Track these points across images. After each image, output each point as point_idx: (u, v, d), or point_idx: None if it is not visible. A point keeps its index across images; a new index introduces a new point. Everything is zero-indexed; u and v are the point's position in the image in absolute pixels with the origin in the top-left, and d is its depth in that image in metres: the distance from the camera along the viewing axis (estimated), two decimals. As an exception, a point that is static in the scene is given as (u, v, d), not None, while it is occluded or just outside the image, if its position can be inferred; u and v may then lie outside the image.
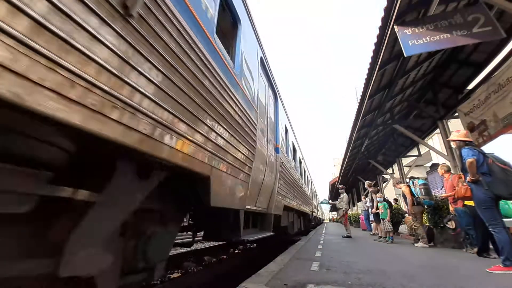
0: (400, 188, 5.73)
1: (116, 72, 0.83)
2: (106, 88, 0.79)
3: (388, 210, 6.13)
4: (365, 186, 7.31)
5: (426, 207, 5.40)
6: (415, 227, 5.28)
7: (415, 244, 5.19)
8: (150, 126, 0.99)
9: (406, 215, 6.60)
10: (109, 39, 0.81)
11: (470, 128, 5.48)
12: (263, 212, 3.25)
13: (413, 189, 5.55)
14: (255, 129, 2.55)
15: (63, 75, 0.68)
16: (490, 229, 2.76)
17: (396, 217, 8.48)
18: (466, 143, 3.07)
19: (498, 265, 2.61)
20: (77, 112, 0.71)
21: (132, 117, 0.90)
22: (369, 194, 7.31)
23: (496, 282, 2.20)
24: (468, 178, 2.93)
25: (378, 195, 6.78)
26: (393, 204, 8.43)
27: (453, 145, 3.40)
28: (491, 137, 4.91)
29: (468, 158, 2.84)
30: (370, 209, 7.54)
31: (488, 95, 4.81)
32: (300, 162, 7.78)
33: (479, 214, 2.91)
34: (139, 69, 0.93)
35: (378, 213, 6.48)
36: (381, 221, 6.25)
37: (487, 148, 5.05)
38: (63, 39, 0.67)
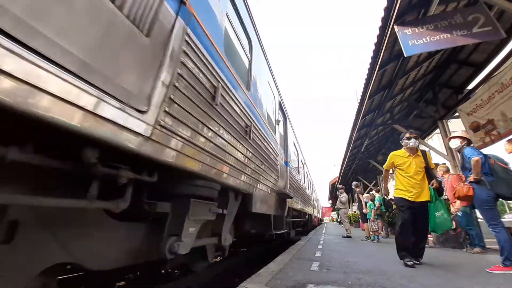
0: None
1: None
2: None
3: (374, 210, 6.18)
4: (353, 187, 7.33)
5: None
6: None
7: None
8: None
9: None
10: None
11: (474, 127, 5.45)
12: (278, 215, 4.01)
13: None
14: (277, 157, 3.73)
15: None
16: (491, 229, 2.75)
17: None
18: (468, 142, 3.15)
19: (498, 265, 2.61)
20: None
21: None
22: (356, 194, 7.35)
23: (496, 282, 2.20)
24: (471, 178, 2.89)
25: (365, 195, 6.83)
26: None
27: (453, 145, 3.35)
28: (500, 136, 4.87)
29: (474, 157, 2.80)
30: (358, 209, 7.65)
31: (492, 94, 4.79)
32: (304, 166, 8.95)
33: (480, 213, 2.91)
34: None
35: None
36: (367, 220, 6.31)
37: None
38: None
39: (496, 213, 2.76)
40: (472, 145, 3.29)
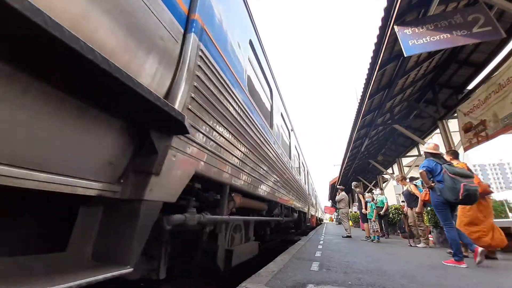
0: (405, 186, 5.73)
1: None
2: None
3: (375, 211, 6.21)
4: (352, 187, 7.35)
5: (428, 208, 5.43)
6: (420, 228, 5.30)
7: (418, 245, 5.20)
8: None
9: (403, 215, 6.63)
10: None
11: (467, 128, 5.50)
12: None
13: (420, 189, 5.55)
14: None
15: None
16: (444, 228, 3.17)
17: (398, 217, 8.49)
18: (432, 155, 3.46)
19: (451, 259, 3.04)
20: None
21: None
22: (356, 194, 7.37)
23: (497, 283, 2.20)
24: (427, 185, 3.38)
25: (367, 195, 6.87)
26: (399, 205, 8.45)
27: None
28: (487, 138, 4.94)
29: (420, 169, 3.37)
30: (358, 210, 7.67)
31: (488, 95, 4.80)
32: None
33: (436, 214, 3.36)
34: None
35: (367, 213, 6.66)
36: (368, 221, 6.34)
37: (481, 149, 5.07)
38: None
39: (449, 215, 3.15)
40: (450, 152, 3.86)
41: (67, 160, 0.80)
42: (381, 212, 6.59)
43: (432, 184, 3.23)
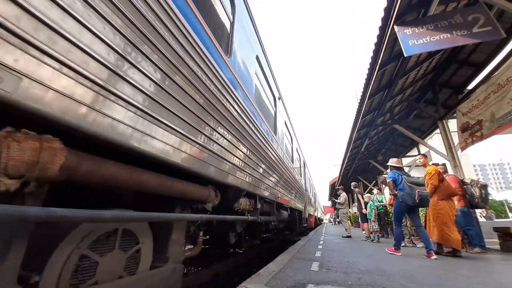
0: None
1: None
2: None
3: (374, 210, 6.24)
4: (351, 188, 7.35)
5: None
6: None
7: (417, 245, 5.19)
8: None
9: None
10: None
11: (464, 128, 5.52)
12: None
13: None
14: None
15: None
16: (395, 226, 4.04)
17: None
18: (396, 168, 4.17)
19: (391, 247, 3.92)
20: None
21: None
22: (355, 195, 7.37)
23: (496, 283, 2.20)
24: (392, 192, 4.09)
25: (366, 195, 6.88)
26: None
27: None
28: (482, 138, 4.98)
29: (388, 180, 4.11)
30: (358, 210, 7.67)
31: (488, 95, 4.81)
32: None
33: (393, 215, 4.14)
34: None
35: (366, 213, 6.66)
36: (368, 221, 6.36)
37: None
38: None
39: (401, 218, 4.07)
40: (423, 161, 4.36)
41: None
42: (387, 205, 6.60)
43: (396, 192, 3.97)
